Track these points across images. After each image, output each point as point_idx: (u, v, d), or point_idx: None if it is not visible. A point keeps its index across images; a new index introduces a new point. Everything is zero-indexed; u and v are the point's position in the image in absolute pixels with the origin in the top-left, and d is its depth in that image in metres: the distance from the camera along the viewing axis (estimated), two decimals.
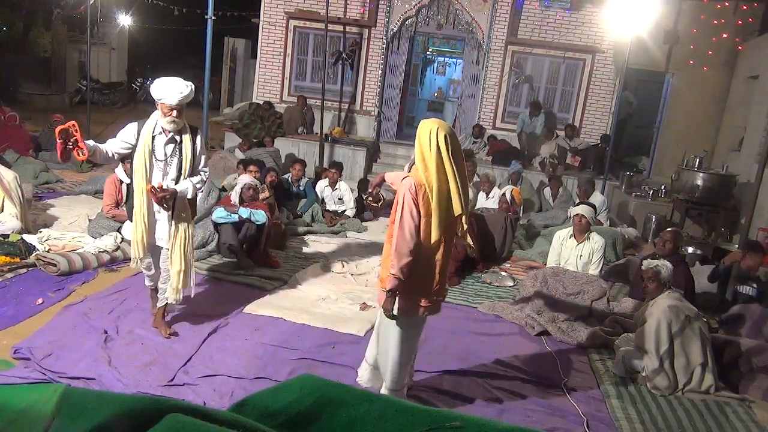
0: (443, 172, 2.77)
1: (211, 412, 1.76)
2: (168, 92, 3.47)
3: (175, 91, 3.48)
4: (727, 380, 3.93)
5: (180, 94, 3.48)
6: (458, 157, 2.81)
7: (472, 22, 10.59)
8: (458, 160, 2.81)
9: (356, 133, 11.29)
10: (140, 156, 3.57)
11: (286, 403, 1.88)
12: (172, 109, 3.51)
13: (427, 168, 2.77)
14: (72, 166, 8.76)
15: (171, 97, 3.47)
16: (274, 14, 11.16)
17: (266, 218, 5.42)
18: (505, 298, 5.26)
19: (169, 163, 3.63)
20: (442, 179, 2.77)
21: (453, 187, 2.79)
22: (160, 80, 3.53)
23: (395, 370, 3.06)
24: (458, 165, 2.80)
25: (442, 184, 2.77)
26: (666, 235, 4.98)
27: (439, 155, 2.75)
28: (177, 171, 3.67)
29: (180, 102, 3.50)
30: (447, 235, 2.88)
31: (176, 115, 3.53)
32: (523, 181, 8.93)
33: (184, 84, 3.52)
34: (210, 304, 4.36)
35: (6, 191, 5.27)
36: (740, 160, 8.75)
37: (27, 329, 3.67)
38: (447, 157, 2.75)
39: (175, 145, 3.64)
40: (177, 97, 3.47)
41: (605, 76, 10.62)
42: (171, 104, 3.49)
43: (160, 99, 3.50)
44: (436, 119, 2.89)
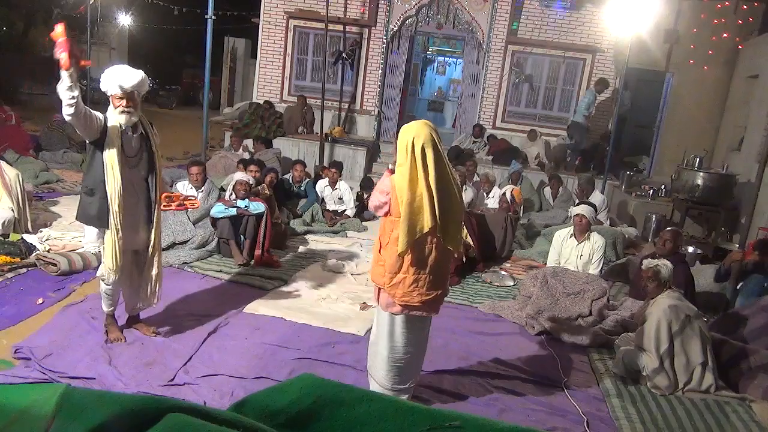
0: (416, 184, 2.78)
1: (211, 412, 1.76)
2: (112, 81, 3.22)
3: (116, 76, 3.22)
4: (726, 379, 3.93)
5: (123, 80, 3.21)
6: (439, 165, 2.80)
7: (472, 22, 10.59)
8: (439, 167, 2.79)
9: (356, 132, 11.29)
10: (111, 153, 3.25)
11: (286, 403, 1.88)
12: (121, 97, 3.24)
13: (403, 177, 2.82)
14: (72, 166, 8.77)
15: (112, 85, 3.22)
16: (274, 14, 11.16)
17: (264, 208, 5.44)
18: (506, 297, 5.26)
19: (140, 159, 3.43)
20: (414, 191, 2.78)
21: (426, 200, 2.79)
22: (106, 71, 3.28)
23: (382, 366, 3.09)
24: (439, 173, 2.79)
25: (414, 198, 2.78)
26: (666, 234, 4.97)
27: (413, 168, 2.78)
28: (147, 167, 3.46)
29: (129, 88, 3.23)
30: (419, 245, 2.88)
31: (126, 104, 3.25)
32: (523, 180, 8.93)
33: (124, 69, 3.26)
34: (210, 304, 4.36)
35: (6, 187, 5.26)
36: (740, 159, 8.75)
37: (27, 329, 3.68)
38: (422, 170, 2.77)
39: (142, 140, 3.42)
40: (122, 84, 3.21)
41: (605, 76, 10.61)
42: (118, 94, 3.23)
43: (107, 90, 3.25)
44: (417, 124, 2.89)
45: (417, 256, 2.89)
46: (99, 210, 3.32)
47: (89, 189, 3.35)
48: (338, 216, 7.34)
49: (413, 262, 2.90)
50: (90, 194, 3.34)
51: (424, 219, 2.81)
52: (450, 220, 2.88)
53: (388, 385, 3.13)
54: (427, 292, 2.94)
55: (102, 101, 15.13)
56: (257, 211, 5.43)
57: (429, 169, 2.78)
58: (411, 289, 2.92)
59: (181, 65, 22.08)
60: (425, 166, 2.78)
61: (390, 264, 2.94)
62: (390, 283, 2.95)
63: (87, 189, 3.37)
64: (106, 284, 3.50)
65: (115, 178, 3.27)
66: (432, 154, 2.79)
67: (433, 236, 2.87)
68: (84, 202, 3.40)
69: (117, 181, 3.27)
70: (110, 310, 3.64)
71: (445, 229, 2.87)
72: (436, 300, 3.02)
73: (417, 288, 2.92)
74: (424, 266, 2.91)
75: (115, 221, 3.31)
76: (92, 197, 3.34)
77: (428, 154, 2.78)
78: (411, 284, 2.92)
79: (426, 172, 2.78)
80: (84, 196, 3.39)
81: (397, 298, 2.95)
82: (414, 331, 3.08)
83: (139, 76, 3.29)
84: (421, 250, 2.90)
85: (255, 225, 5.39)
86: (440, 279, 2.99)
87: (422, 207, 2.80)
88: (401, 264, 2.91)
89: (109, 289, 3.54)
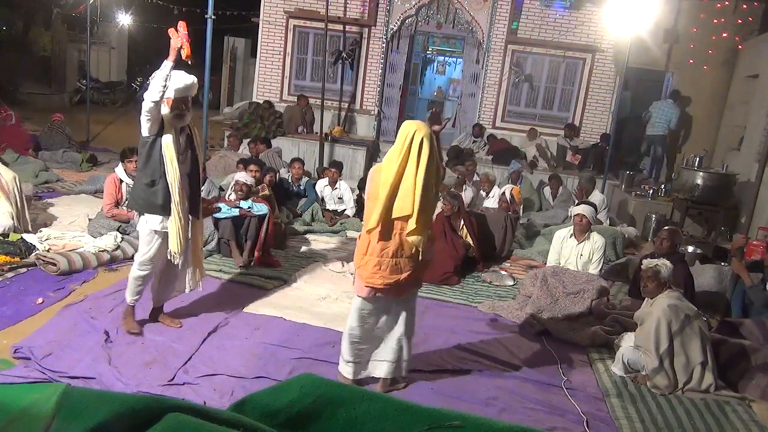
0: (402, 168, 2.95)
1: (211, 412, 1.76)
2: (173, 85, 3.43)
3: (181, 85, 3.46)
4: (726, 379, 3.93)
5: (184, 87, 3.47)
6: (430, 162, 2.95)
7: (471, 21, 10.59)
8: (429, 163, 2.94)
9: (356, 132, 11.29)
10: (170, 147, 3.48)
11: (286, 403, 1.89)
12: (176, 103, 3.48)
13: (390, 161, 3.00)
14: (72, 166, 8.77)
15: (176, 90, 3.45)
16: (273, 13, 11.15)
17: (267, 209, 5.45)
18: (505, 297, 5.26)
19: (186, 157, 3.64)
20: (398, 173, 2.95)
21: (409, 185, 2.94)
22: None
23: (344, 340, 3.34)
24: (428, 167, 2.94)
25: (399, 182, 2.96)
26: (663, 233, 4.97)
27: (406, 155, 2.95)
28: (191, 165, 3.67)
29: (185, 93, 3.49)
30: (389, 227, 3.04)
31: (184, 108, 3.52)
32: (523, 180, 8.93)
33: (185, 76, 3.49)
34: (210, 304, 4.36)
35: (4, 191, 5.25)
36: (740, 159, 8.75)
37: (27, 329, 3.67)
38: (415, 159, 2.93)
39: (188, 140, 3.65)
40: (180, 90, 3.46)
41: (605, 75, 10.61)
42: (175, 97, 3.46)
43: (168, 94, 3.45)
44: (419, 122, 3.07)
45: (383, 240, 3.07)
46: (164, 199, 3.54)
47: (150, 180, 3.54)
48: (338, 216, 7.34)
49: (378, 245, 3.07)
50: (151, 185, 3.54)
51: (402, 204, 2.97)
52: (422, 216, 3.00)
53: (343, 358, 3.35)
54: (390, 275, 3.09)
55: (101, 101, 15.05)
56: (260, 212, 5.42)
57: (421, 161, 2.94)
58: (374, 271, 3.09)
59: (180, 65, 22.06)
60: (419, 157, 2.94)
61: (359, 245, 3.17)
62: (358, 265, 3.17)
63: (148, 181, 3.55)
64: (141, 271, 3.69)
65: (174, 169, 3.50)
66: (428, 149, 2.94)
67: (404, 224, 3.03)
68: (145, 193, 3.58)
69: (176, 171, 3.50)
70: (135, 299, 3.77)
71: (416, 222, 2.98)
72: (399, 285, 3.14)
73: (380, 271, 3.09)
74: (388, 250, 3.07)
75: (178, 208, 3.55)
76: (154, 187, 3.54)
77: (424, 147, 2.94)
78: (374, 266, 3.09)
79: (417, 163, 2.93)
80: (144, 188, 3.57)
81: (364, 280, 3.13)
82: (377, 312, 3.26)
83: (192, 80, 3.53)
84: (388, 234, 3.06)
85: (257, 226, 5.38)
86: (406, 265, 3.11)
87: (404, 193, 2.96)
88: (368, 246, 3.10)
89: (143, 275, 3.70)
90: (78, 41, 17.11)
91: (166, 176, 3.51)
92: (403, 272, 3.10)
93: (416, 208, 2.95)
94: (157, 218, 3.60)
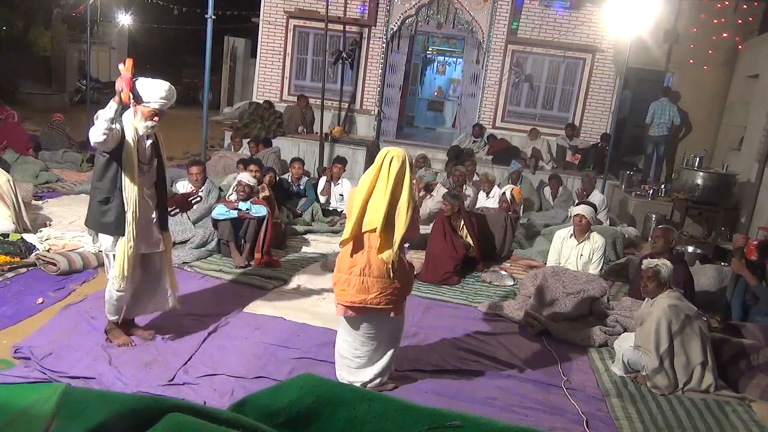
0: (374, 184, 3.08)
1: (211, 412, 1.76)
2: (152, 95, 3.24)
3: (161, 95, 3.26)
4: (726, 378, 3.93)
5: (164, 100, 3.28)
6: (399, 184, 3.05)
7: (472, 22, 10.59)
8: (397, 183, 3.04)
9: (356, 132, 11.29)
10: (129, 158, 3.24)
11: (287, 403, 1.89)
12: (156, 114, 3.29)
13: (365, 178, 3.13)
14: (72, 166, 8.77)
15: (155, 100, 3.25)
16: (274, 13, 11.16)
17: (266, 211, 5.44)
18: (506, 297, 5.26)
19: (151, 165, 3.44)
20: (369, 188, 3.08)
21: (379, 200, 3.04)
22: (145, 82, 3.27)
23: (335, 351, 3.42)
24: (395, 186, 3.04)
25: (366, 192, 3.08)
26: (657, 231, 4.97)
27: (379, 171, 3.08)
28: (156, 174, 3.48)
29: (166, 107, 3.32)
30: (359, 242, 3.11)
31: (158, 118, 3.32)
32: (523, 180, 8.93)
33: (168, 87, 3.31)
34: (210, 304, 4.36)
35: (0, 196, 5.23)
36: (740, 159, 8.75)
37: (27, 329, 3.67)
38: (385, 175, 3.05)
39: (153, 147, 3.42)
40: (161, 102, 3.27)
41: (605, 75, 10.61)
42: (157, 109, 3.28)
43: (146, 102, 3.25)
44: (397, 148, 3.18)
45: (353, 255, 3.11)
46: (117, 218, 3.30)
47: (104, 197, 3.31)
48: (338, 215, 7.34)
49: (348, 261, 3.13)
50: (105, 203, 3.31)
51: (371, 217, 3.05)
52: (389, 231, 3.05)
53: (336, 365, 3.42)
54: (356, 294, 3.10)
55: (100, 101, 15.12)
56: (258, 214, 5.42)
57: (390, 177, 3.04)
58: (343, 287, 3.14)
59: (180, 65, 22.10)
60: (388, 174, 3.05)
61: (336, 262, 3.23)
62: (333, 282, 3.23)
63: (102, 198, 3.31)
64: (118, 291, 3.41)
65: (132, 186, 3.28)
66: (397, 169, 3.05)
67: (374, 241, 3.07)
68: (97, 210, 3.34)
69: (134, 189, 3.28)
70: (116, 318, 3.54)
71: (385, 238, 3.04)
72: (367, 306, 3.11)
73: (348, 288, 3.11)
74: (356, 268, 3.09)
75: (130, 229, 3.30)
76: (108, 205, 3.31)
77: (393, 166, 3.06)
78: (343, 283, 3.14)
79: (387, 179, 3.05)
80: (97, 205, 3.33)
81: (336, 298, 3.18)
82: (352, 332, 3.27)
83: (173, 94, 3.36)
84: (358, 250, 3.11)
85: (256, 228, 5.38)
86: (373, 285, 3.09)
87: (374, 207, 3.06)
88: (339, 263, 3.18)
89: (120, 296, 3.43)
90: (78, 41, 17.12)
91: (123, 192, 3.27)
92: (371, 292, 3.08)
93: (382, 222, 3.01)
94: (109, 239, 3.36)
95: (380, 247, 3.06)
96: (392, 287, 3.12)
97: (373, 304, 3.11)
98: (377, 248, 3.07)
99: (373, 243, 3.09)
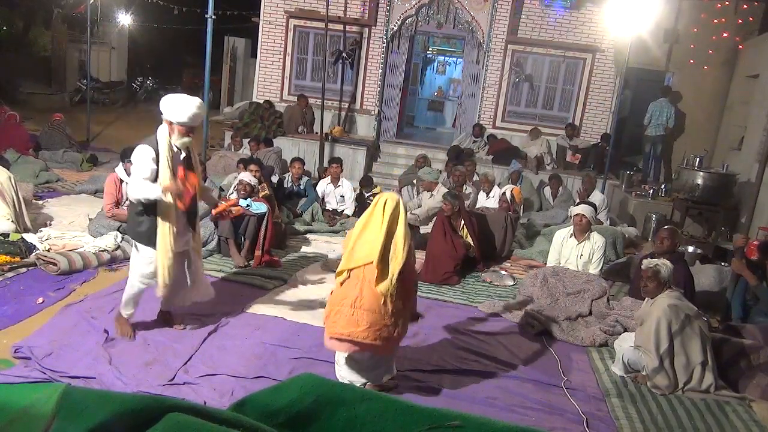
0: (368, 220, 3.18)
1: (211, 411, 1.76)
2: (186, 114, 3.42)
3: (194, 113, 3.45)
4: (726, 378, 3.93)
5: (198, 117, 3.48)
6: (394, 222, 3.14)
7: (472, 21, 10.59)
8: (392, 221, 3.13)
9: (356, 132, 11.29)
10: (166, 180, 3.44)
11: (287, 402, 1.89)
12: (189, 130, 3.49)
13: (360, 219, 3.25)
14: (72, 166, 8.76)
15: (190, 119, 3.44)
16: (274, 13, 11.16)
17: (267, 208, 5.44)
18: (506, 297, 5.26)
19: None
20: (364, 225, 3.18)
21: (374, 234, 3.11)
22: (174, 100, 3.46)
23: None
24: (390, 222, 3.12)
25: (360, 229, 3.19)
26: (663, 232, 4.97)
27: (373, 211, 3.19)
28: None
29: (197, 122, 3.52)
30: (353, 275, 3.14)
31: (190, 133, 3.53)
32: (523, 180, 8.93)
33: (200, 104, 3.49)
34: (210, 304, 4.34)
35: (0, 194, 5.22)
36: (741, 159, 8.75)
37: (27, 328, 3.68)
38: (380, 214, 3.15)
39: (186, 159, 3.62)
40: (196, 120, 3.48)
41: (605, 75, 10.61)
42: (190, 125, 3.48)
43: (179, 121, 3.43)
44: (392, 193, 3.35)
45: (345, 288, 3.14)
46: (149, 229, 3.50)
47: (140, 210, 3.50)
48: (338, 215, 7.34)
49: (340, 293, 3.14)
50: (140, 215, 3.52)
51: (367, 251, 3.09)
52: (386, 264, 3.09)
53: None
54: (345, 326, 3.08)
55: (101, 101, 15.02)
56: (259, 211, 5.42)
57: (386, 215, 3.13)
58: (333, 321, 3.13)
59: (181, 65, 22.08)
60: (383, 213, 3.14)
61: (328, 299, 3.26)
62: (323, 317, 3.23)
63: (138, 210, 3.51)
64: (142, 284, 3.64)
65: (167, 203, 3.43)
66: (392, 209, 3.15)
67: (369, 273, 3.08)
68: (133, 219, 3.59)
69: (170, 205, 3.44)
70: (131, 313, 3.73)
71: (382, 270, 3.07)
72: (351, 339, 3.09)
73: (337, 320, 3.11)
74: (347, 300, 3.09)
75: (167, 241, 3.48)
76: (142, 217, 3.52)
77: (388, 207, 3.16)
78: (333, 315, 3.14)
79: (383, 217, 3.13)
80: (133, 215, 3.57)
81: (325, 332, 3.20)
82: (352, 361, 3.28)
83: (203, 110, 3.53)
84: (351, 283, 3.13)
85: (256, 225, 5.39)
86: (363, 318, 3.07)
87: (369, 240, 3.12)
88: (332, 297, 3.20)
89: (143, 290, 3.67)
90: (78, 41, 17.10)
91: (157, 208, 3.45)
92: (360, 325, 3.05)
93: (379, 254, 3.06)
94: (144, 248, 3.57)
95: (377, 279, 3.07)
96: (383, 323, 3.07)
97: (361, 338, 3.05)
98: (374, 280, 3.07)
99: (368, 275, 3.09)
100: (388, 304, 3.07)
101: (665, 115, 9.74)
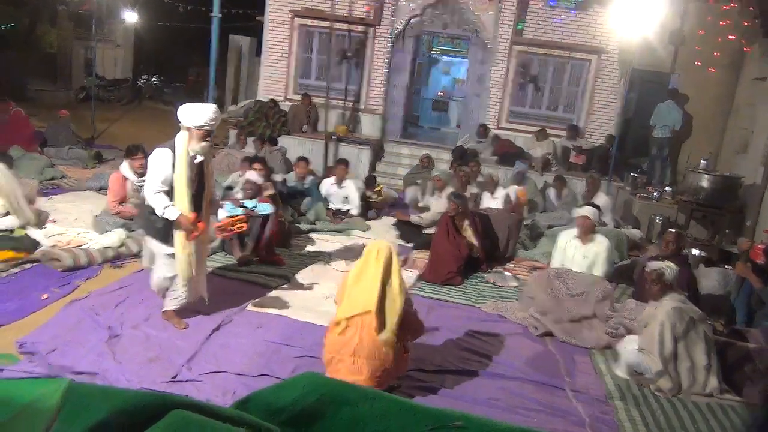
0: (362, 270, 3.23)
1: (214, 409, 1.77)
2: (204, 118, 3.61)
3: (212, 117, 3.63)
4: (731, 382, 3.91)
5: (215, 121, 3.66)
6: (388, 272, 3.20)
7: (477, 22, 10.58)
8: (386, 272, 3.19)
9: (361, 131, 11.29)
10: (181, 185, 3.62)
11: (290, 401, 1.89)
12: (208, 134, 3.66)
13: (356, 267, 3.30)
14: (77, 162, 8.78)
15: (208, 123, 3.62)
16: (279, 12, 11.17)
17: (272, 209, 5.44)
18: (509, 298, 5.25)
19: (197, 181, 3.74)
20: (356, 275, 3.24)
21: (370, 283, 3.16)
22: (192, 107, 3.66)
23: None
24: (385, 271, 3.18)
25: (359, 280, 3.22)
26: (669, 236, 4.96)
27: (366, 260, 3.25)
28: (198, 186, 3.76)
29: (214, 126, 3.69)
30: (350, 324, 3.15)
31: (209, 137, 3.70)
32: (528, 181, 8.90)
33: (216, 109, 3.72)
34: (213, 302, 4.35)
35: (2, 192, 5.19)
36: (746, 162, 8.71)
37: (32, 324, 3.69)
38: (373, 262, 3.21)
39: (200, 164, 3.76)
40: (213, 123, 3.65)
41: (610, 77, 10.58)
42: (208, 129, 3.64)
43: (198, 125, 3.60)
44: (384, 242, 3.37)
45: (341, 336, 3.15)
46: (164, 227, 3.68)
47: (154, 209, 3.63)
48: (342, 215, 7.33)
49: (338, 342, 3.16)
50: (154, 213, 3.65)
51: (366, 299, 3.12)
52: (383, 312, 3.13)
53: None
54: (348, 375, 3.08)
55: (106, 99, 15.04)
56: (264, 212, 5.41)
57: (379, 264, 3.19)
58: (335, 368, 3.15)
59: (186, 63, 22.12)
60: (377, 261, 3.21)
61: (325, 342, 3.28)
62: (325, 360, 3.24)
63: (152, 209, 3.64)
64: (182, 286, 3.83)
65: (183, 205, 3.62)
66: (385, 257, 3.21)
67: (367, 321, 3.09)
68: (147, 217, 3.74)
69: (185, 206, 3.63)
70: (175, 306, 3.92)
71: (381, 320, 3.11)
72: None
73: (339, 370, 3.13)
74: (348, 348, 3.11)
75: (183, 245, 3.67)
76: (155, 216, 3.65)
77: (381, 255, 3.22)
78: (336, 363, 3.15)
79: (376, 265, 3.19)
80: (148, 214, 3.70)
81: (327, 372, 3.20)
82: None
83: (218, 114, 3.74)
84: (349, 332, 3.14)
85: (260, 225, 5.38)
86: (364, 366, 3.09)
87: (366, 288, 3.15)
88: (330, 342, 3.21)
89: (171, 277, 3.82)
90: (84, 38, 17.16)
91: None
92: (362, 374, 3.09)
93: (377, 303, 3.09)
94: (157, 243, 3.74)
95: (377, 328, 3.10)
96: (384, 368, 3.15)
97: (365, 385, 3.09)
98: (373, 328, 3.09)
99: (366, 322, 3.11)
100: (389, 351, 3.13)
101: (672, 117, 9.72)
